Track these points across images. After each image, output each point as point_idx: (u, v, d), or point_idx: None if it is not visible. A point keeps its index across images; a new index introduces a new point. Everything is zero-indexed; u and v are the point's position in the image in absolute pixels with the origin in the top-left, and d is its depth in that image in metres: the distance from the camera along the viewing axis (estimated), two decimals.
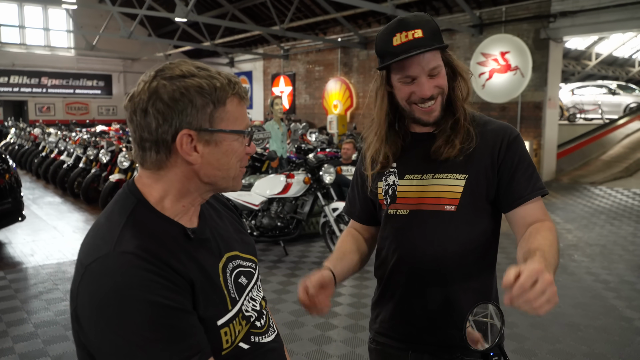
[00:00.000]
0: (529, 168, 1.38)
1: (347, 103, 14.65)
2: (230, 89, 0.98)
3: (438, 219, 1.37)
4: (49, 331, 3.63)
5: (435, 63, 1.33)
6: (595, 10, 9.39)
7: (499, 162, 1.37)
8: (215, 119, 0.97)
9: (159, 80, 0.94)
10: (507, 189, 1.37)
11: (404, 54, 1.29)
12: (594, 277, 4.91)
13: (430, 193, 1.38)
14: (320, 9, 13.71)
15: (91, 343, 0.90)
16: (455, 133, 1.38)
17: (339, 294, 4.43)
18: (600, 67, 24.74)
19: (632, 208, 8.33)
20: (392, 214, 1.43)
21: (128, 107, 0.97)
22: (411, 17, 1.33)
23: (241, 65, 19.36)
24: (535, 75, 10.13)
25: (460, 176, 1.37)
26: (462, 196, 1.36)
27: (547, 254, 1.18)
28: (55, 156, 10.43)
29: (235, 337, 1.02)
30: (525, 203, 1.36)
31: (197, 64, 0.99)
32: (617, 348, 3.44)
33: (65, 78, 21.25)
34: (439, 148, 1.38)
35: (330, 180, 5.55)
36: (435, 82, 1.34)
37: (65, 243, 6.04)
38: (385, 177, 1.46)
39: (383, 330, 1.49)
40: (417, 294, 1.40)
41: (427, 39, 1.30)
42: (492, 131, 1.40)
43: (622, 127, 13.36)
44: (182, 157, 0.96)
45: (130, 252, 0.88)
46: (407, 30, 1.30)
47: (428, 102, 1.35)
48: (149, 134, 0.95)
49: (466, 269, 1.38)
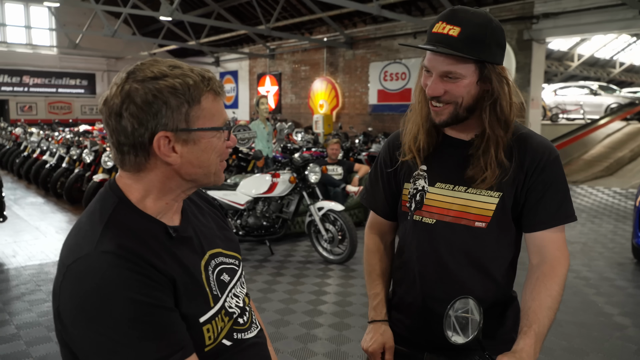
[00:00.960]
0: (560, 193, 1.32)
1: (333, 103, 14.67)
2: (204, 85, 0.98)
3: (467, 234, 1.34)
4: (32, 332, 3.60)
5: (453, 69, 1.23)
6: (577, 12, 9.54)
7: (530, 182, 1.31)
8: (191, 118, 0.96)
9: (131, 84, 0.93)
10: (531, 210, 1.33)
11: (429, 44, 1.23)
12: (574, 274, 5.00)
13: (461, 207, 1.34)
14: (306, 9, 13.71)
15: (74, 342, 0.90)
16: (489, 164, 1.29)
17: (323, 292, 4.45)
18: (582, 68, 25.12)
19: (612, 206, 8.48)
20: (418, 220, 1.39)
21: (103, 111, 0.97)
22: (464, 12, 1.22)
23: (227, 65, 19.29)
24: (518, 75, 10.26)
25: (495, 194, 1.32)
26: (494, 214, 1.32)
27: (541, 325, 1.23)
28: (37, 156, 10.30)
29: (218, 334, 1.03)
30: (545, 229, 1.32)
31: (169, 62, 0.98)
32: (596, 343, 3.51)
33: (48, 77, 20.98)
34: (476, 174, 1.31)
35: (316, 180, 5.56)
36: (447, 87, 1.25)
37: (48, 244, 5.97)
38: (414, 179, 1.40)
39: (400, 331, 1.48)
40: (439, 302, 1.34)
41: (459, 41, 1.20)
42: (531, 150, 1.32)
43: (603, 127, 13.57)
44: (161, 159, 0.96)
45: (111, 252, 0.89)
46: (447, 23, 1.21)
47: (436, 102, 1.29)
48: (125, 138, 0.95)
49: (489, 280, 1.37)
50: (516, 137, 1.32)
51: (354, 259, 5.32)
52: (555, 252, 1.32)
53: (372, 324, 1.49)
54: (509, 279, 1.42)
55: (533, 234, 1.34)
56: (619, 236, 6.57)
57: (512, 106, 1.29)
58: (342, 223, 5.19)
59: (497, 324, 1.40)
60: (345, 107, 14.49)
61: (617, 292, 4.53)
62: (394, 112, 12.90)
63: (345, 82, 14.44)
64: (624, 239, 6.40)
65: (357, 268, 5.15)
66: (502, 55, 1.28)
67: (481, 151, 1.30)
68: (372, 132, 12.61)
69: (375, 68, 13.43)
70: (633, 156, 11.88)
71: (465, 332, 1.25)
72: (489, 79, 1.25)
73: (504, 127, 1.29)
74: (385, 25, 12.98)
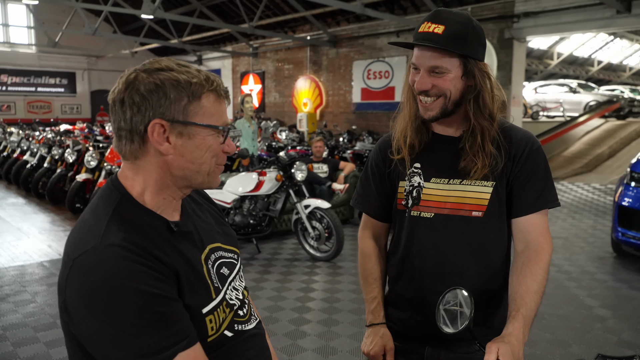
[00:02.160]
0: (542, 180, 1.40)
1: (316, 101, 14.70)
2: (207, 84, 1.01)
3: (465, 224, 1.39)
4: (19, 333, 3.56)
5: (439, 63, 1.30)
6: (556, 11, 9.71)
7: (516, 170, 1.39)
8: (189, 112, 1.00)
9: (138, 73, 0.98)
10: (516, 196, 1.40)
11: (417, 42, 1.32)
12: (556, 268, 5.10)
13: (458, 199, 1.39)
14: (290, 7, 13.70)
15: (81, 333, 0.92)
16: (483, 152, 1.36)
17: (311, 289, 4.48)
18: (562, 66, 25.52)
19: (592, 202, 8.66)
20: (416, 215, 1.43)
21: (110, 99, 1.01)
22: (447, 13, 1.32)
23: (209, 63, 19.17)
24: (500, 74, 10.40)
25: (489, 184, 1.38)
26: (489, 203, 1.38)
27: (529, 309, 1.27)
28: (17, 156, 10.13)
29: (220, 325, 1.06)
30: (529, 214, 1.39)
31: (180, 62, 1.03)
32: (578, 334, 3.60)
33: (27, 75, 20.59)
34: (467, 165, 1.37)
35: (302, 178, 5.59)
36: (434, 81, 1.32)
37: (31, 244, 5.90)
38: (409, 177, 1.44)
39: (399, 328, 1.50)
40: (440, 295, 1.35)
41: (444, 38, 1.28)
42: (516, 140, 1.40)
43: (582, 125, 13.82)
44: (154, 146, 0.99)
45: (117, 245, 0.92)
46: (433, 23, 1.30)
47: (425, 97, 1.35)
48: (124, 123, 0.99)
49: (487, 270, 1.41)
50: (501, 130, 1.40)
51: (340, 256, 5.36)
52: (539, 238, 1.39)
53: (371, 327, 1.51)
54: (506, 267, 1.47)
55: (518, 219, 1.41)
56: (599, 231, 6.73)
57: (495, 99, 1.37)
58: (329, 220, 5.22)
59: (495, 312, 1.44)
60: (329, 106, 14.52)
61: (598, 285, 4.65)
62: (378, 110, 12.97)
63: (329, 81, 14.47)
64: (604, 233, 6.55)
65: (344, 265, 5.19)
66: (484, 53, 1.37)
67: (470, 143, 1.37)
68: (356, 130, 12.67)
69: (358, 66, 13.49)
70: (611, 153, 12.13)
71: (455, 323, 1.29)
72: (472, 74, 1.33)
73: (489, 118, 1.36)
74: (368, 24, 13.04)
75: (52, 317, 3.82)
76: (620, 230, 5.12)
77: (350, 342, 3.47)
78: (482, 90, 1.34)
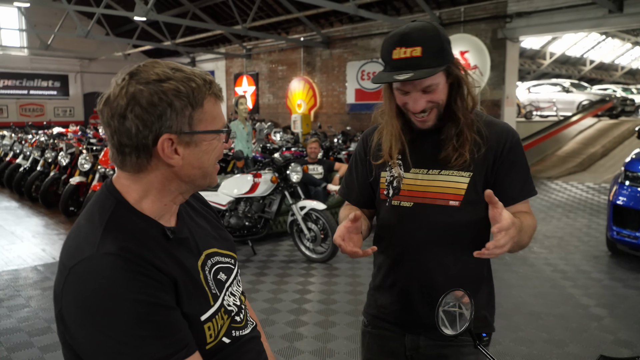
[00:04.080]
0: (524, 171, 1.46)
1: (310, 102, 14.69)
2: (206, 89, 0.99)
3: (442, 213, 1.43)
4: (13, 338, 3.53)
5: (431, 82, 1.34)
6: (549, 11, 9.75)
7: (499, 162, 1.43)
8: (194, 120, 0.98)
9: (135, 85, 0.93)
10: (501, 187, 1.43)
11: (401, 70, 1.31)
12: (552, 267, 5.12)
13: (436, 188, 1.44)
14: (283, 9, 13.70)
15: (78, 343, 0.90)
16: (461, 142, 1.41)
17: (307, 291, 4.47)
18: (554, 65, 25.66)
19: (586, 201, 8.70)
20: (396, 205, 1.49)
21: (104, 111, 0.96)
22: (415, 32, 1.31)
23: (203, 65, 19.12)
24: (493, 74, 10.44)
25: (466, 174, 1.43)
26: (466, 192, 1.42)
27: (524, 222, 1.35)
28: (10, 159, 10.06)
29: (218, 332, 1.05)
30: (513, 205, 1.45)
31: (171, 64, 1.00)
32: (574, 334, 3.61)
33: (19, 78, 20.47)
34: (447, 155, 1.42)
35: (298, 179, 5.58)
36: (428, 97, 1.36)
37: (25, 248, 5.85)
38: (390, 168, 1.50)
39: (382, 315, 1.56)
40: (418, 282, 1.47)
41: (426, 59, 1.30)
42: (496, 132, 1.45)
43: (575, 124, 13.89)
44: (163, 160, 0.97)
45: (113, 253, 0.90)
46: (407, 47, 1.30)
47: (421, 113, 1.39)
48: (128, 139, 0.95)
49: (465, 258, 1.45)
50: (482, 122, 1.45)
51: (336, 257, 5.35)
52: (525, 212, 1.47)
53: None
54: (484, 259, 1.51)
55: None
56: (594, 230, 6.75)
57: (474, 89, 1.44)
58: (325, 222, 5.21)
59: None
60: (323, 107, 14.52)
61: (593, 284, 4.66)
62: (372, 111, 12.85)
63: (323, 82, 14.47)
64: (599, 232, 6.57)
65: (340, 266, 5.18)
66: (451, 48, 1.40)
67: (453, 134, 1.42)
68: (351, 131, 12.65)
69: (352, 67, 13.49)
70: (605, 152, 12.19)
71: (454, 325, 1.29)
72: (455, 75, 1.40)
73: (472, 109, 1.44)
74: (361, 25, 13.05)
75: (47, 322, 3.78)
76: (615, 229, 5.14)
77: (348, 343, 3.46)
78: (465, 84, 1.41)
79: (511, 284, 4.60)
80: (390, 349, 1.56)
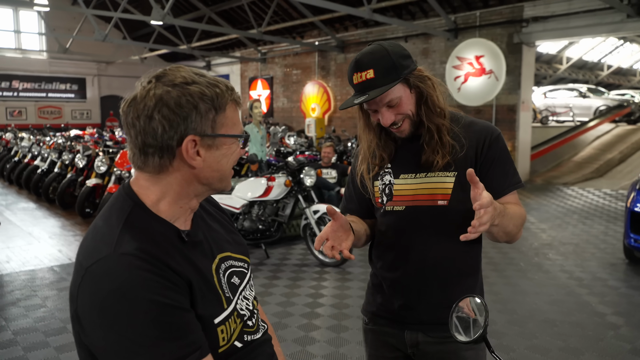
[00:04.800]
0: (507, 164, 1.53)
1: (325, 106, 14.71)
2: (228, 95, 1.03)
3: (432, 213, 1.52)
4: (29, 338, 3.58)
5: (390, 97, 1.44)
6: (565, 16, 9.66)
7: (481, 159, 1.51)
8: (217, 124, 1.01)
9: (162, 87, 0.96)
10: (485, 183, 1.46)
11: (360, 93, 1.43)
12: (568, 274, 5.05)
13: (424, 190, 1.53)
14: (298, 13, 13.75)
15: (93, 343, 0.91)
16: (438, 145, 1.49)
17: (320, 295, 4.47)
18: (571, 70, 25.38)
19: (602, 208, 8.58)
20: (390, 210, 1.57)
21: (129, 112, 0.98)
22: (366, 57, 1.44)
23: (218, 69, 19.27)
24: (508, 78, 10.36)
25: (450, 174, 1.51)
26: (452, 191, 1.50)
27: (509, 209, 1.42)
28: (28, 161, 10.22)
29: (231, 335, 1.05)
30: (501, 197, 1.51)
31: (194, 70, 1.03)
32: (591, 342, 3.56)
33: (38, 81, 20.80)
34: (428, 158, 1.51)
35: (311, 183, 5.59)
36: (395, 111, 1.47)
37: (42, 249, 5.93)
38: (381, 177, 1.60)
39: (382, 313, 1.63)
40: (415, 280, 1.54)
41: (379, 79, 1.41)
42: (476, 132, 1.53)
43: (592, 129, 13.74)
44: (185, 161, 0.99)
45: (130, 254, 0.91)
46: (360, 71, 1.42)
47: (394, 126, 1.49)
48: (153, 140, 0.97)
49: (458, 254, 1.53)
50: (462, 124, 1.53)
51: (349, 261, 5.34)
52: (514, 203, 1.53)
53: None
54: (475, 252, 1.59)
55: None
56: (611, 237, 6.66)
57: (441, 96, 1.50)
58: None
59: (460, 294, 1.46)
60: (337, 111, 14.51)
61: (610, 292, 4.59)
62: None
63: (337, 86, 14.49)
64: (615, 239, 6.48)
65: (352, 271, 5.17)
66: (411, 60, 1.48)
67: (428, 139, 1.51)
68: None
69: None
70: (622, 158, 12.02)
71: (468, 332, 1.28)
72: (415, 85, 1.47)
73: (440, 114, 1.50)
74: (376, 29, 13.05)
75: (63, 322, 3.83)
76: (633, 237, 5.06)
77: (360, 348, 3.45)
78: (428, 94, 1.48)
79: (526, 291, 4.55)
80: (393, 345, 1.62)
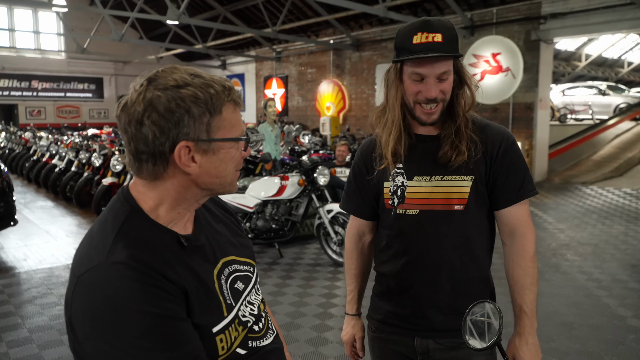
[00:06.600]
0: (521, 172, 1.48)
1: (339, 105, 14.67)
2: (225, 95, 0.97)
3: (448, 218, 1.46)
4: (44, 336, 3.61)
5: (446, 68, 1.39)
6: (584, 12, 9.48)
7: (495, 165, 1.47)
8: (212, 128, 0.95)
9: (153, 91, 0.92)
10: (498, 190, 1.48)
11: (422, 53, 1.36)
12: (586, 276, 4.96)
13: (440, 194, 1.47)
14: (312, 11, 13.73)
15: (86, 353, 0.88)
16: (459, 139, 1.44)
17: (334, 295, 4.44)
18: (590, 68, 24.97)
19: (622, 207, 8.41)
20: (402, 213, 1.50)
21: (121, 117, 0.94)
22: (435, 21, 1.39)
23: (233, 68, 19.34)
24: (526, 76, 10.21)
25: (468, 177, 1.46)
26: (469, 196, 1.46)
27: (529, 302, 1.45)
28: (46, 160, 10.36)
29: (232, 344, 1.02)
30: (512, 205, 1.48)
31: (190, 70, 0.97)
32: (610, 346, 3.47)
33: (56, 81, 21.09)
34: (446, 154, 1.45)
35: (325, 182, 5.56)
36: (441, 87, 1.40)
37: (58, 247, 6.00)
38: (393, 177, 1.51)
39: (389, 320, 1.59)
40: (428, 288, 1.50)
41: (445, 45, 1.36)
42: (490, 135, 1.49)
43: (612, 128, 13.49)
44: (179, 168, 0.95)
45: (122, 263, 0.88)
46: (429, 32, 1.36)
47: (431, 103, 1.42)
48: (144, 146, 0.93)
49: (472, 260, 1.50)
50: (477, 126, 1.49)
51: None
52: (522, 228, 1.49)
53: (347, 316, 1.73)
54: (488, 259, 1.56)
55: (501, 211, 1.50)
56: (631, 237, 6.52)
57: (474, 88, 1.49)
58: None
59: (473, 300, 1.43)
60: (352, 109, 14.48)
61: (631, 294, 4.49)
62: None
63: (352, 84, 14.44)
64: (636, 240, 6.34)
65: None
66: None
67: (450, 132, 1.45)
68: None
69: (381, 70, 13.41)
70: None
71: (483, 337, 1.25)
72: (458, 70, 1.45)
73: (468, 109, 1.47)
74: (391, 27, 12.96)
75: None
76: None
77: None
78: (468, 82, 1.46)
79: (543, 293, 4.47)
80: (401, 353, 1.58)
